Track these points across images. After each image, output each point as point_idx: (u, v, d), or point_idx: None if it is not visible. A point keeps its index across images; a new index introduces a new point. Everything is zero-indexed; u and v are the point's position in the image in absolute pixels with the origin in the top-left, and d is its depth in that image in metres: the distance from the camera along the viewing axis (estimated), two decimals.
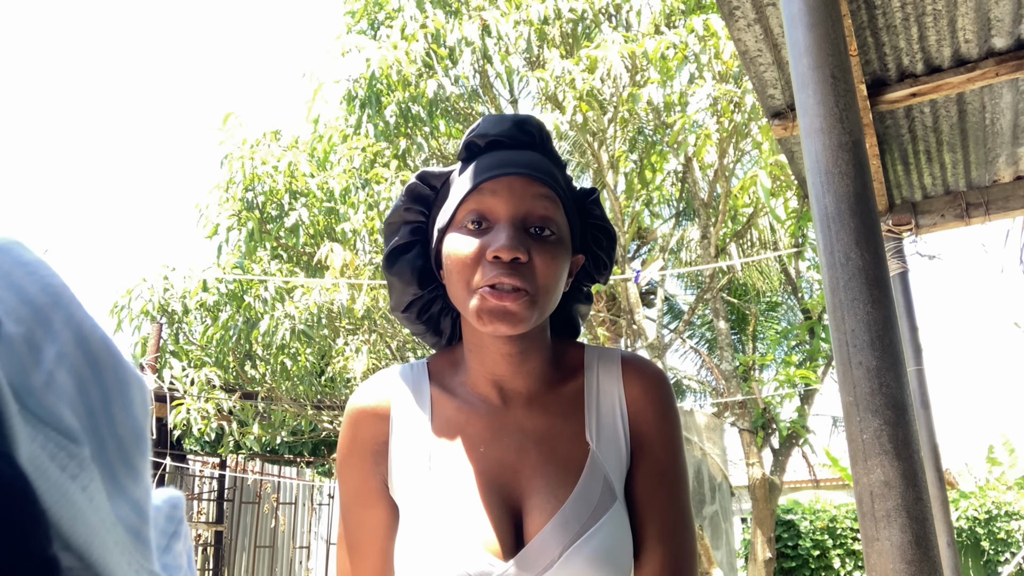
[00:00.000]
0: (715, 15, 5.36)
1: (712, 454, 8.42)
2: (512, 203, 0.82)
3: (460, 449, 0.86)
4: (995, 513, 10.70)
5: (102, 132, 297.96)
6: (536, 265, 0.81)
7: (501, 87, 7.41)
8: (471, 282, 0.81)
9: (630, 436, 0.88)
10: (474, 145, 0.87)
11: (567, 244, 0.85)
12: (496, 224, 0.82)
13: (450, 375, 0.92)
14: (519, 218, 0.82)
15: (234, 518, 8.73)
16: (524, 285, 0.80)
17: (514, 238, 0.80)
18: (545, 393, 0.90)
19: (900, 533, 1.20)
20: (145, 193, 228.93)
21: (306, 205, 6.31)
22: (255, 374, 6.74)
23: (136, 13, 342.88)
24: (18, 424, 0.25)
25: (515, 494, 0.84)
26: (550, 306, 0.84)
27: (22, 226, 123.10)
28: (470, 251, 0.81)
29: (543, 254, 0.82)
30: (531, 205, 0.83)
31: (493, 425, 0.87)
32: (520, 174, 0.83)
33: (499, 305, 0.79)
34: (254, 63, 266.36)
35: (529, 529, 0.82)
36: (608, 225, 0.93)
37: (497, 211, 0.82)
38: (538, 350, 0.89)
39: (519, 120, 0.87)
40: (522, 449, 0.86)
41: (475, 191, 0.83)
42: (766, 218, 7.86)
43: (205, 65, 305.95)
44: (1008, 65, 2.54)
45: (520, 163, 0.84)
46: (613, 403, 0.89)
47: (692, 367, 13.04)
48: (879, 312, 1.29)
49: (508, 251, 0.79)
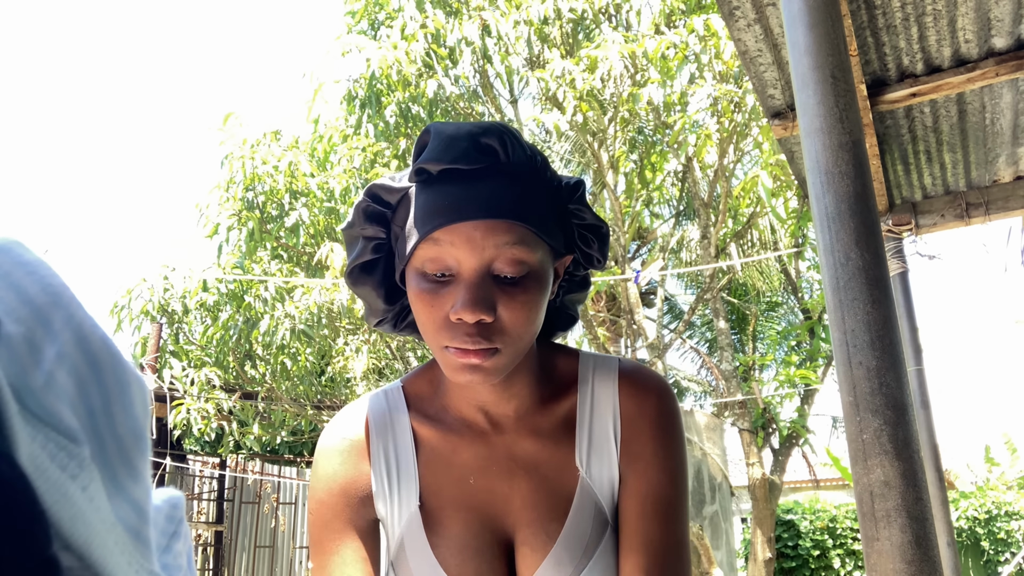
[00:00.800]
0: (715, 15, 5.36)
1: (712, 454, 8.42)
2: (473, 256, 0.71)
3: (448, 482, 0.81)
4: (995, 513, 10.70)
5: (102, 132, 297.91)
6: (504, 319, 0.72)
7: (501, 87, 7.42)
8: (437, 339, 0.73)
9: (622, 454, 0.81)
10: (424, 173, 0.73)
11: (544, 273, 0.75)
12: (458, 278, 0.72)
13: (430, 399, 0.85)
14: (482, 270, 0.71)
15: (234, 518, 8.73)
16: (492, 344, 0.71)
17: (475, 299, 0.70)
18: (535, 413, 0.83)
19: (900, 533, 1.20)
20: (145, 193, 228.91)
21: (306, 205, 6.31)
22: (255, 374, 6.75)
23: (136, 13, 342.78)
24: (18, 424, 0.25)
25: (507, 528, 0.79)
26: (527, 345, 0.76)
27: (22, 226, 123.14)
28: (432, 307, 0.73)
29: (512, 304, 0.72)
30: (494, 253, 0.71)
31: (482, 453, 0.81)
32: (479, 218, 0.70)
33: (467, 363, 0.72)
34: (254, 63, 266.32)
35: (522, 568, 0.78)
36: (598, 222, 0.82)
37: (458, 262, 0.71)
38: (525, 370, 0.82)
39: (474, 135, 0.72)
40: (512, 478, 0.80)
41: (428, 239, 0.71)
42: (766, 218, 7.86)
43: (205, 65, 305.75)
44: (1008, 65, 2.54)
45: (479, 202, 0.71)
46: (606, 420, 0.82)
47: (692, 367, 13.05)
48: (879, 312, 1.29)
49: (470, 315, 0.70)
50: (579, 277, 0.88)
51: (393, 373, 7.42)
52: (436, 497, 0.80)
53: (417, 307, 0.74)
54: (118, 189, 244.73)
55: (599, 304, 9.58)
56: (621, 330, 9.22)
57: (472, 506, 0.79)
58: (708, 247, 6.75)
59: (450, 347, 0.72)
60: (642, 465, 0.81)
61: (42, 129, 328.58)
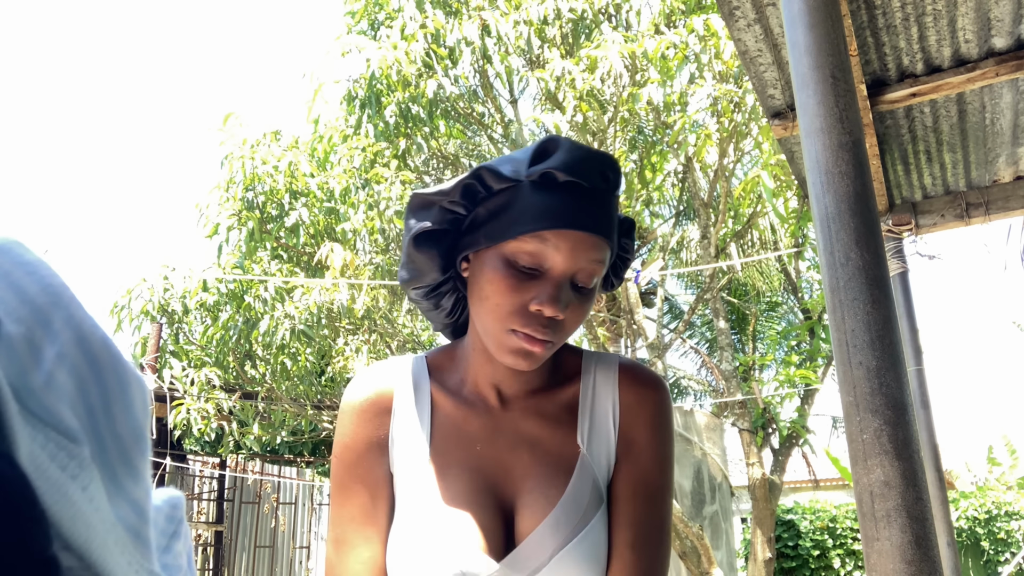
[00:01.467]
0: (715, 15, 5.36)
1: (712, 454, 8.42)
2: (571, 261, 0.80)
3: (457, 446, 0.87)
4: (995, 513, 10.69)
5: (102, 132, 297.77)
6: (567, 321, 0.82)
7: (501, 87, 7.42)
8: (505, 321, 0.81)
9: (618, 440, 0.89)
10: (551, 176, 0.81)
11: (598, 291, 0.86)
12: (547, 276, 0.81)
13: (449, 372, 0.93)
14: (570, 275, 0.81)
15: (234, 518, 8.73)
16: (553, 337, 0.81)
17: (561, 299, 0.80)
18: (542, 397, 0.91)
19: (900, 533, 1.20)
20: (145, 193, 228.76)
21: (306, 205, 6.31)
22: (255, 374, 6.75)
23: (137, 13, 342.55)
24: (18, 424, 0.25)
25: (508, 493, 0.85)
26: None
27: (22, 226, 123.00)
28: (515, 294, 0.80)
29: (576, 310, 0.83)
30: (585, 265, 0.81)
31: (489, 425, 0.89)
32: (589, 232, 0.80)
33: (525, 348, 0.81)
34: (254, 64, 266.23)
35: (521, 529, 0.83)
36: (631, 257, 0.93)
37: (554, 265, 0.80)
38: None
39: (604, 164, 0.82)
40: (516, 449, 0.87)
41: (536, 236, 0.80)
42: (766, 218, 7.86)
43: (206, 66, 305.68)
44: (1008, 65, 2.54)
45: (592, 218, 0.81)
46: (606, 408, 0.90)
47: (692, 367, 13.05)
48: (879, 312, 1.29)
49: (553, 311, 0.79)
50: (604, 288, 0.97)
51: None
52: (444, 457, 0.87)
53: (496, 289, 0.81)
54: (118, 189, 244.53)
55: (599, 304, 9.58)
56: (621, 330, 9.22)
57: (477, 468, 0.86)
58: (708, 247, 6.75)
59: (518, 331, 0.80)
60: (636, 451, 0.88)
61: (42, 129, 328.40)
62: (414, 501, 0.84)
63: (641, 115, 6.12)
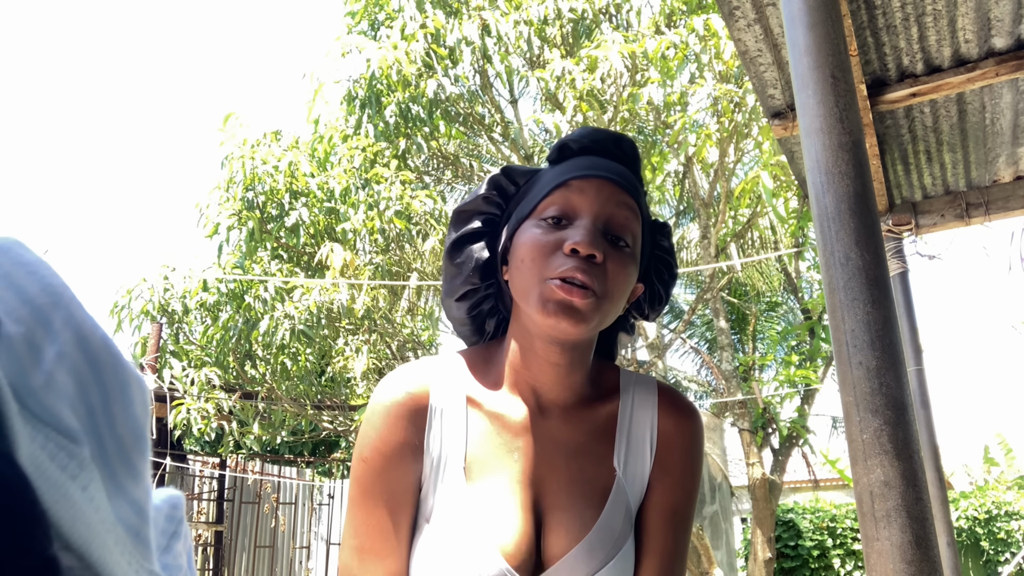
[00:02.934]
0: (715, 15, 5.35)
1: (712, 454, 8.42)
2: (597, 204, 0.82)
3: (493, 454, 0.85)
4: (995, 513, 10.69)
5: (103, 132, 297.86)
6: (608, 269, 0.81)
7: (501, 87, 7.42)
8: (543, 271, 0.80)
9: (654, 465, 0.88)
10: (567, 148, 0.88)
11: (637, 262, 0.85)
12: (577, 221, 0.82)
13: (485, 373, 0.90)
14: (601, 220, 0.82)
15: (234, 518, 8.73)
16: (594, 284, 0.79)
17: (594, 234, 0.80)
18: (581, 409, 0.89)
19: (900, 533, 1.20)
20: (145, 193, 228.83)
21: (306, 205, 6.31)
22: (255, 374, 6.75)
23: (137, 13, 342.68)
24: (18, 424, 0.25)
25: (541, 507, 0.83)
26: (611, 316, 0.83)
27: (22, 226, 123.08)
28: (547, 241, 0.81)
29: (616, 261, 0.82)
30: (614, 211, 0.83)
31: (527, 433, 0.86)
32: (611, 179, 0.83)
33: (567, 299, 0.78)
34: (255, 64, 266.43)
35: (552, 546, 0.82)
36: (673, 260, 0.94)
37: (581, 209, 0.82)
38: (582, 365, 0.88)
39: (617, 136, 0.88)
40: (553, 462, 0.85)
41: (563, 186, 0.83)
42: (766, 218, 7.86)
43: (206, 66, 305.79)
44: (1008, 65, 2.54)
45: (612, 170, 0.85)
46: (644, 431, 0.89)
47: (692, 367, 13.05)
48: (879, 312, 1.29)
49: (587, 246, 0.79)
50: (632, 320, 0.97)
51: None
52: (479, 464, 0.84)
53: (529, 246, 0.82)
54: (118, 189, 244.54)
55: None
56: None
57: (512, 479, 0.83)
58: (708, 247, 6.75)
59: (555, 279, 0.79)
60: (671, 480, 0.88)
61: (42, 129, 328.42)
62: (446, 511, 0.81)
63: (641, 115, 6.12)
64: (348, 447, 9.90)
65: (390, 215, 5.87)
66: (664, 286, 0.94)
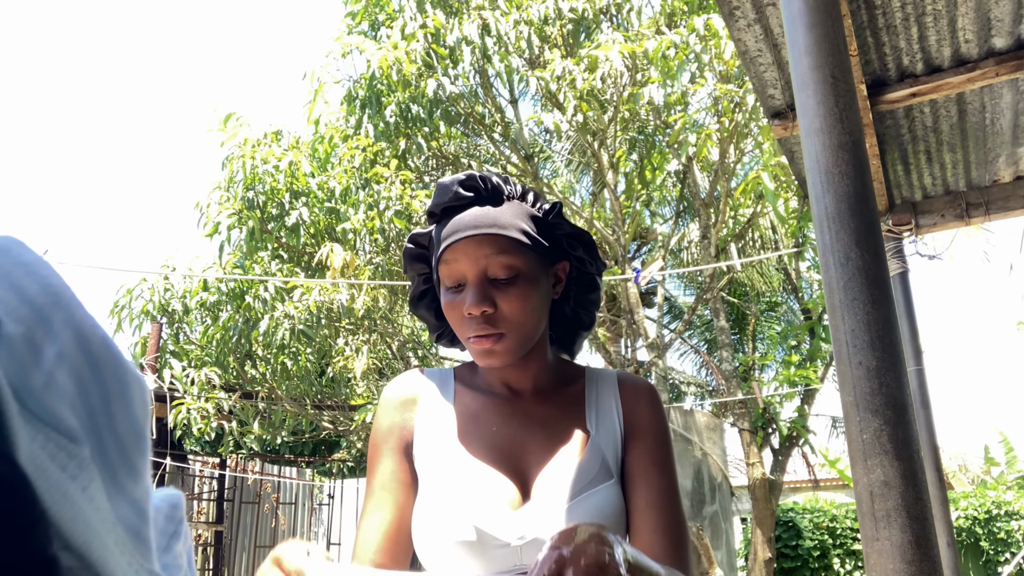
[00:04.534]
0: (716, 15, 5.35)
1: (712, 454, 8.42)
2: (470, 265, 0.94)
3: (477, 427, 1.00)
4: (995, 513, 10.69)
5: (103, 132, 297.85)
6: (504, 310, 0.94)
7: (501, 87, 7.41)
8: (461, 333, 0.97)
9: (624, 426, 1.01)
10: (434, 215, 1.00)
11: (534, 275, 0.96)
12: (466, 283, 0.95)
13: (471, 376, 1.07)
14: (481, 274, 0.94)
15: (234, 518, 8.73)
16: (496, 331, 0.94)
17: (477, 296, 0.93)
18: (550, 390, 1.04)
19: (900, 533, 1.20)
20: (146, 193, 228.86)
21: (306, 205, 6.31)
22: (255, 374, 6.75)
23: (137, 12, 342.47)
24: (18, 424, 0.25)
25: (523, 463, 0.97)
26: (531, 333, 0.97)
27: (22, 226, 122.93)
28: (453, 311, 0.96)
29: (508, 298, 0.94)
30: (486, 262, 0.94)
31: (505, 411, 1.01)
32: (474, 236, 0.94)
33: (483, 348, 0.95)
34: (256, 64, 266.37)
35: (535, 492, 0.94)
36: (578, 231, 1.03)
37: (463, 273, 0.95)
38: (539, 358, 1.03)
39: (460, 182, 0.97)
40: (529, 430, 1.00)
41: (441, 262, 0.96)
42: (766, 218, 7.86)
43: (206, 66, 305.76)
44: (1008, 65, 2.54)
45: (468, 225, 0.95)
46: (610, 403, 1.03)
47: (692, 367, 13.05)
48: (879, 312, 1.29)
49: (475, 307, 0.93)
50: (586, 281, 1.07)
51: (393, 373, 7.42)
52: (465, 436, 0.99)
53: (446, 313, 0.98)
54: (119, 189, 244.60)
55: (600, 304, 9.57)
56: (621, 330, 9.22)
57: (495, 445, 0.98)
58: (708, 247, 6.75)
59: (470, 337, 0.95)
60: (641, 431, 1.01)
61: (43, 129, 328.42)
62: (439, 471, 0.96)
63: (642, 115, 6.12)
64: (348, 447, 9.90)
65: (390, 215, 5.87)
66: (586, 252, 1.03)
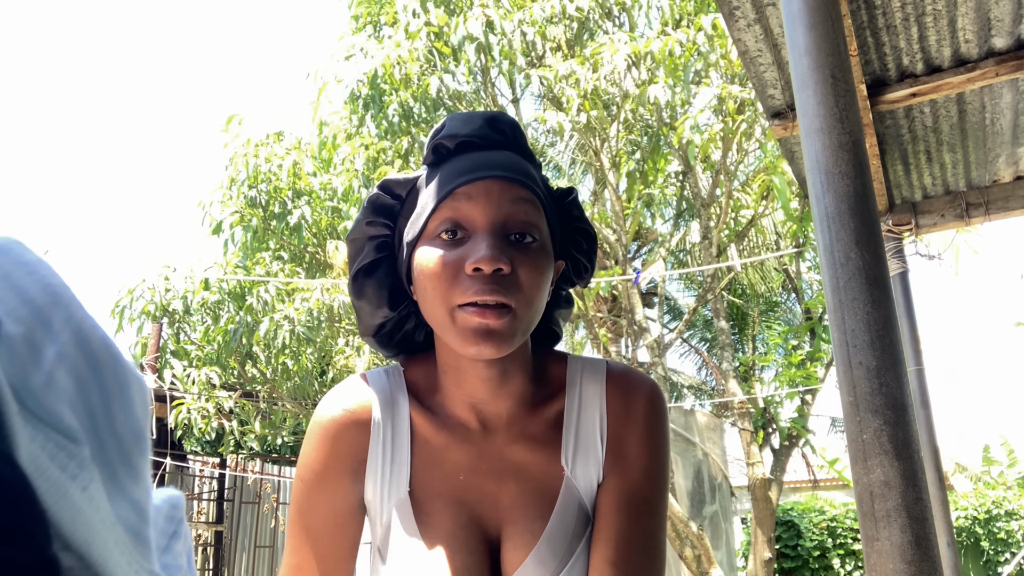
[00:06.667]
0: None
1: (712, 454, 8.42)
2: (491, 209, 0.74)
3: (439, 476, 0.80)
4: (995, 513, 10.69)
5: (105, 132, 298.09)
6: (520, 276, 0.73)
7: (504, 86, 7.42)
8: (449, 299, 0.73)
9: (607, 454, 0.82)
10: (443, 148, 0.79)
11: (549, 251, 0.78)
12: (474, 233, 0.74)
13: (427, 390, 0.85)
14: (499, 225, 0.74)
15: (234, 518, 8.73)
16: (508, 300, 0.72)
17: (496, 247, 0.72)
18: (525, 415, 0.83)
19: (900, 533, 1.20)
20: (147, 193, 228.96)
21: (309, 204, 6.31)
22: (256, 373, 6.75)
23: (140, 13, 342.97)
24: (18, 424, 0.25)
25: (493, 527, 0.79)
26: (534, 321, 0.77)
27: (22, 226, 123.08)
28: (447, 264, 0.73)
29: (526, 264, 0.74)
30: (511, 210, 0.75)
31: (472, 452, 0.81)
32: (498, 177, 0.75)
33: (482, 324, 0.72)
34: (258, 64, 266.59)
35: (507, 563, 0.78)
36: (588, 227, 0.86)
37: (474, 218, 0.74)
38: (520, 370, 0.82)
39: (490, 117, 0.79)
40: (500, 478, 0.81)
41: (448, 197, 0.75)
42: (767, 219, 7.86)
43: (209, 66, 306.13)
44: (1008, 65, 2.53)
45: (496, 164, 0.76)
46: (593, 422, 0.83)
47: (692, 367, 13.06)
48: (879, 312, 1.29)
49: (490, 261, 0.71)
50: (565, 292, 0.90)
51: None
52: (425, 488, 0.80)
53: (429, 271, 0.74)
54: (120, 189, 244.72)
55: (600, 305, 9.58)
56: (622, 330, 9.22)
57: (460, 501, 0.79)
58: (709, 247, 6.75)
59: (466, 305, 0.72)
60: (624, 464, 0.81)
61: (44, 129, 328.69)
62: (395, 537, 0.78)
63: (644, 115, 6.12)
64: None
65: None
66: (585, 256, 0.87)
